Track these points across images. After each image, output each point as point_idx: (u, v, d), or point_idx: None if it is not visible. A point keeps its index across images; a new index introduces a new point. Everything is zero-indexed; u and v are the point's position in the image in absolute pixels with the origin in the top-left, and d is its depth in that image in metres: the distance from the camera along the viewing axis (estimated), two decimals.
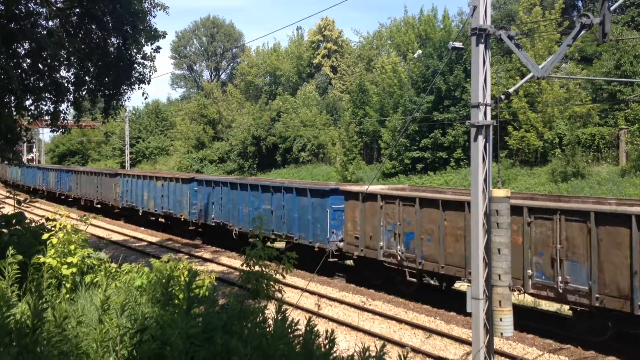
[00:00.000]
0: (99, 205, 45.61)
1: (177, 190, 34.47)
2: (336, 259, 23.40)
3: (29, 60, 17.94)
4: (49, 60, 17.52)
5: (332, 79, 69.51)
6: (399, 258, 20.50)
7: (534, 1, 42.70)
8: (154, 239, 34.69)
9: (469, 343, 14.94)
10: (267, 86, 74.65)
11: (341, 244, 23.03)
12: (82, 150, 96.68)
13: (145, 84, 20.57)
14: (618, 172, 34.49)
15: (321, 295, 21.22)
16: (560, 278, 15.23)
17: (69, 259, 9.22)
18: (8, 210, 16.87)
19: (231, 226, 29.33)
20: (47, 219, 11.91)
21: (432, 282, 21.01)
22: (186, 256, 27.88)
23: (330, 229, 23.15)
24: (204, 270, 10.79)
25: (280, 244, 27.19)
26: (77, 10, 18.99)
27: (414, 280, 20.22)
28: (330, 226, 22.83)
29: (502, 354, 15.00)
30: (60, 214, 10.41)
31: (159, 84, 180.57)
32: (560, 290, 15.28)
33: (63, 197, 53.50)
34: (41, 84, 18.11)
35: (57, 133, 22.66)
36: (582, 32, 10.33)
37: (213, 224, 31.15)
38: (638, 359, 14.73)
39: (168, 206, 35.52)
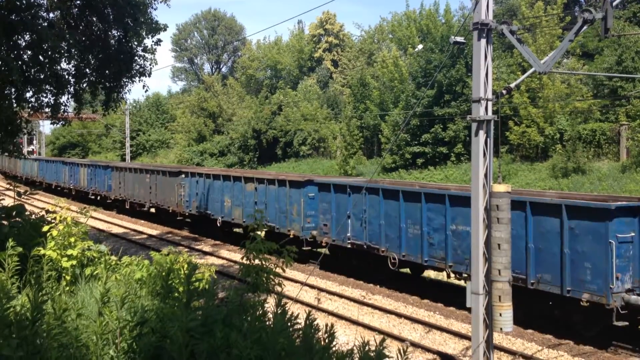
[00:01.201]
0: (152, 210, 38.75)
1: (282, 197, 25.62)
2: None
3: (29, 52, 17.89)
4: (49, 52, 17.46)
5: (333, 72, 69.43)
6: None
7: None
8: (154, 232, 34.70)
9: (468, 338, 14.95)
10: (267, 80, 74.59)
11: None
12: (83, 142, 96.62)
13: (145, 76, 20.53)
14: (619, 168, 34.47)
15: (321, 289, 21.23)
16: None
17: (69, 252, 9.23)
18: (8, 202, 16.85)
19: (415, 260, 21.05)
20: (48, 211, 11.91)
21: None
22: (186, 249, 27.89)
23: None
24: (204, 263, 10.81)
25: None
26: (78, 2, 18.94)
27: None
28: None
29: (502, 349, 15.01)
30: (60, 207, 10.41)
31: (159, 76, 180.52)
32: None
33: (99, 197, 45.73)
34: (42, 76, 18.06)
35: (58, 125, 22.64)
36: (585, 27, 10.31)
37: (350, 246, 22.51)
38: (634, 354, 14.74)
39: (267, 217, 26.35)
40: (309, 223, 24.47)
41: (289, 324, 6.23)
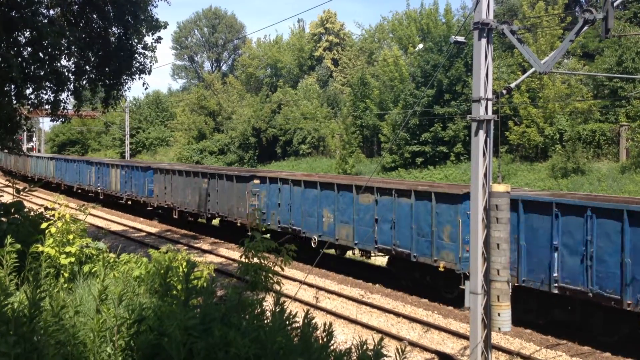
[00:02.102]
0: (214, 222, 33.60)
1: (423, 214, 19.56)
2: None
3: (29, 49, 17.89)
4: (49, 49, 17.45)
5: (333, 71, 69.37)
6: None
7: None
8: (152, 230, 34.70)
9: (466, 337, 14.96)
10: (268, 78, 74.54)
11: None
12: (82, 139, 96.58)
13: (145, 74, 20.56)
14: (618, 168, 34.46)
15: (319, 288, 21.24)
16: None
17: (68, 249, 9.21)
18: (7, 198, 16.85)
19: None
20: (46, 208, 11.90)
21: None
22: (185, 247, 27.88)
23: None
24: (203, 261, 10.80)
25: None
26: None
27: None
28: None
29: (500, 348, 15.02)
30: (59, 204, 10.40)
31: (159, 74, 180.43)
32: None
33: (135, 203, 39.73)
34: (41, 73, 18.06)
35: (57, 122, 22.67)
36: (585, 27, 10.30)
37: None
38: (632, 355, 14.74)
39: (394, 241, 20.58)
40: (467, 252, 18.50)
41: (287, 322, 6.22)
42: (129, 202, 40.53)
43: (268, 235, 24.54)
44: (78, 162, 50.52)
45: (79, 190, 48.62)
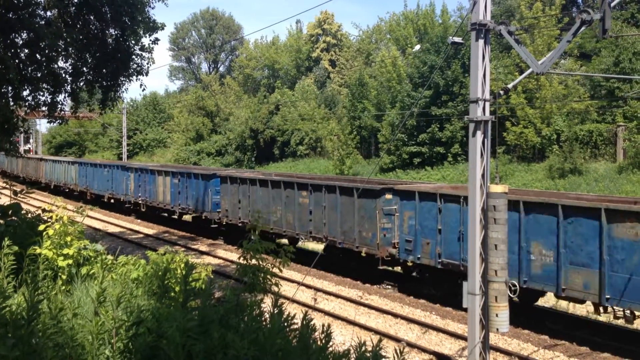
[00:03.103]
0: (319, 247, 27.06)
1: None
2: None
3: (26, 50, 17.87)
4: (46, 51, 17.43)
5: (330, 72, 69.40)
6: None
7: None
8: (150, 232, 34.65)
9: (464, 338, 14.96)
10: (265, 79, 74.55)
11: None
12: (79, 141, 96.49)
13: (143, 75, 20.51)
14: (615, 169, 34.52)
15: (317, 289, 21.22)
16: None
17: (65, 251, 9.20)
18: (4, 200, 16.83)
19: None
20: (44, 210, 11.88)
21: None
22: (183, 249, 27.85)
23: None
24: (201, 263, 10.80)
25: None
26: (76, 0, 18.91)
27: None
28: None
29: (498, 349, 15.02)
30: (57, 205, 10.38)
31: (157, 75, 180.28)
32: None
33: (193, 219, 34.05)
34: (39, 75, 18.03)
35: (55, 124, 22.61)
36: (582, 28, 10.31)
37: None
38: (631, 355, 14.76)
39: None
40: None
41: (285, 324, 6.22)
42: (183, 216, 35.05)
43: (414, 273, 21.65)
44: (111, 168, 42.69)
45: (111, 200, 42.59)
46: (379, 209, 20.84)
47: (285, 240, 24.27)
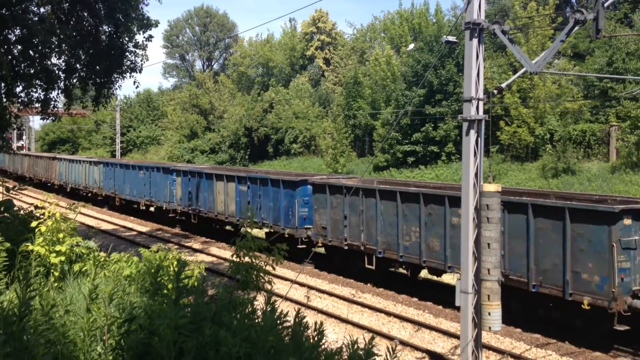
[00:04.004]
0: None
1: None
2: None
3: (19, 47, 17.82)
4: (39, 47, 17.38)
5: (324, 71, 69.38)
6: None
7: None
8: (143, 229, 34.58)
9: (457, 336, 15.00)
10: (259, 77, 74.47)
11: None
12: (73, 138, 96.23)
13: (136, 72, 20.50)
14: (608, 168, 34.63)
15: (311, 287, 21.25)
16: None
17: (58, 247, 9.16)
18: None
19: None
20: (36, 207, 11.85)
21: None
22: (176, 246, 27.82)
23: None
24: (194, 260, 10.79)
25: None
26: None
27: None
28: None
29: (490, 347, 15.06)
30: (49, 202, 10.35)
31: (150, 73, 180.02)
32: None
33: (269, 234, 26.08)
34: (32, 71, 17.99)
35: (48, 121, 22.56)
36: (576, 27, 10.35)
37: None
38: (623, 353, 14.81)
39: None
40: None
41: (278, 321, 6.22)
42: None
43: None
44: (149, 170, 36.53)
45: (150, 209, 37.74)
46: (615, 239, 14.17)
47: (425, 273, 21.35)
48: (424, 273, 21.80)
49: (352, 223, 21.85)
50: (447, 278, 21.31)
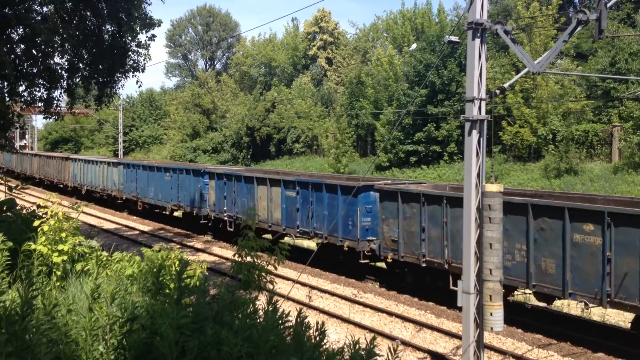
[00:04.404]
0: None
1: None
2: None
3: (22, 46, 17.85)
4: (42, 47, 17.42)
5: (327, 70, 69.39)
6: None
7: None
8: (146, 228, 34.61)
9: (459, 337, 14.99)
10: (262, 77, 74.52)
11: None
12: (75, 137, 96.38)
13: (139, 72, 20.52)
14: (611, 169, 34.60)
15: (312, 287, 21.24)
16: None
17: (60, 247, 9.17)
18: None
19: None
20: (39, 206, 11.86)
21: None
22: (178, 246, 27.83)
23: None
24: (196, 260, 10.79)
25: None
26: None
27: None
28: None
29: (492, 348, 15.05)
30: (51, 201, 10.36)
31: (153, 72, 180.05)
32: None
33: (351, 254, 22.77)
34: (35, 70, 18.03)
35: (50, 120, 22.59)
36: (579, 28, 10.33)
37: None
38: (625, 354, 14.80)
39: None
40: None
41: (280, 321, 6.22)
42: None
43: None
44: (176, 172, 33.19)
45: (174, 213, 35.68)
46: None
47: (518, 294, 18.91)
48: (521, 295, 19.69)
49: (431, 236, 18.91)
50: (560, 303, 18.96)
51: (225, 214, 28.91)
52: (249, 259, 8.24)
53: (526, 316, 17.70)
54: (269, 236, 24.65)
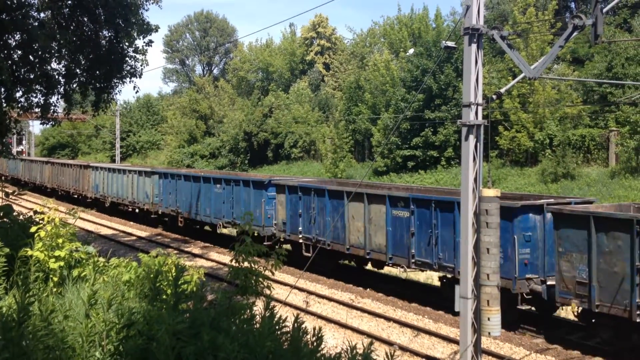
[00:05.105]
0: None
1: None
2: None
3: (19, 52, 17.86)
4: (39, 52, 17.42)
5: (324, 76, 69.47)
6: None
7: (529, 1, 42.81)
8: (143, 234, 34.56)
9: (456, 342, 14.97)
10: (259, 82, 74.56)
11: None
12: (72, 143, 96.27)
13: (136, 77, 20.55)
14: (608, 173, 34.65)
15: (310, 292, 21.22)
16: None
17: (57, 253, 9.16)
18: None
19: None
20: (36, 212, 11.85)
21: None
22: (175, 251, 27.81)
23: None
24: (193, 265, 10.78)
25: None
26: (69, 2, 18.90)
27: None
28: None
29: (490, 353, 15.03)
30: (48, 207, 10.35)
31: (150, 78, 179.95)
32: None
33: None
34: (32, 76, 18.02)
35: (47, 125, 22.58)
36: (575, 33, 10.36)
37: None
38: (623, 359, 14.79)
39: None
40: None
41: (277, 327, 6.22)
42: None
43: None
44: (230, 184, 28.54)
45: (223, 230, 31.38)
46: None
47: None
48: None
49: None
50: None
51: (300, 236, 23.96)
52: (246, 264, 8.25)
53: (523, 321, 17.68)
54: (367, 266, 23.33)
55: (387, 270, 23.37)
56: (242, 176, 31.89)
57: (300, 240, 23.92)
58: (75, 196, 47.21)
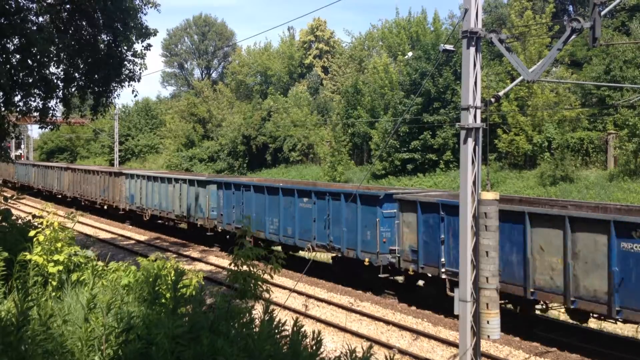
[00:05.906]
0: None
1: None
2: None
3: (18, 56, 17.83)
4: (38, 56, 17.41)
5: (323, 79, 69.51)
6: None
7: (526, 5, 42.88)
8: (142, 238, 34.53)
9: (456, 345, 14.96)
10: (258, 86, 74.59)
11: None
12: (71, 147, 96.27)
13: (135, 81, 20.51)
14: (606, 176, 34.67)
15: (309, 296, 21.20)
16: None
17: (56, 257, 9.14)
18: None
19: None
20: (34, 216, 11.83)
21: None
22: (174, 255, 27.79)
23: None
24: (192, 269, 10.77)
25: None
26: (68, 6, 18.90)
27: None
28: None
29: (489, 356, 15.03)
30: (47, 211, 10.34)
31: (149, 81, 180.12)
32: None
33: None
34: (30, 80, 17.99)
35: (46, 129, 22.57)
36: (573, 36, 10.37)
37: None
38: None
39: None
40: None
41: (276, 330, 6.22)
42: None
43: None
44: (325, 197, 23.13)
45: (299, 252, 26.77)
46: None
47: None
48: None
49: None
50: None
51: (443, 270, 18.49)
52: (245, 268, 8.24)
53: (523, 324, 17.67)
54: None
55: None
56: (337, 188, 26.91)
57: (444, 276, 18.49)
58: (103, 207, 42.19)
